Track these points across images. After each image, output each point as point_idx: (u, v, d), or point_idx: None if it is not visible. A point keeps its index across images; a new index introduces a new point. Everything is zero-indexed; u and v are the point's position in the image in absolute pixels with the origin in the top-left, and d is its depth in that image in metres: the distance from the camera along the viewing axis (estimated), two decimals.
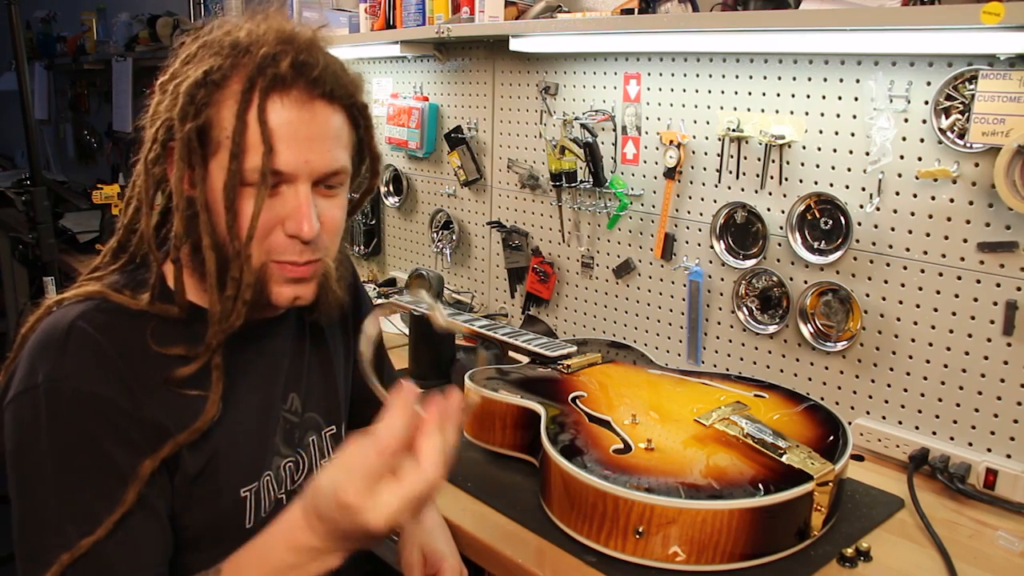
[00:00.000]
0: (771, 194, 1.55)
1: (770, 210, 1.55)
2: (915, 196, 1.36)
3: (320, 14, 2.27)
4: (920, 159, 1.34)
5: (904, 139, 1.36)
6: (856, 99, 1.41)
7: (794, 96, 1.49)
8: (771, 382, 1.45)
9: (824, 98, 1.45)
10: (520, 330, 1.70)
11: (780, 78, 1.51)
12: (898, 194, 1.38)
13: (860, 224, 1.43)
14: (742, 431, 1.18)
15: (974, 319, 1.32)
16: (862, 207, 1.42)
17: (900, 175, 1.37)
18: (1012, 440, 1.30)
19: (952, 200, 1.32)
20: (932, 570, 1.11)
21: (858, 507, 1.25)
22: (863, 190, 1.42)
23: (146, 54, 3.42)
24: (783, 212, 1.52)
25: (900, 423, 1.44)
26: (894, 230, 1.40)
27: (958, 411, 1.36)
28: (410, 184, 2.39)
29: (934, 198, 1.34)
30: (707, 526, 1.03)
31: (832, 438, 1.22)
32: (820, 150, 1.47)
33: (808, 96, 1.47)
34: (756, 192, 1.57)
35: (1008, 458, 1.31)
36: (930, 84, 1.31)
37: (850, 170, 1.44)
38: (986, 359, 1.32)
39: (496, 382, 1.38)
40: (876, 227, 1.42)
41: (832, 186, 1.46)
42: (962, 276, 1.33)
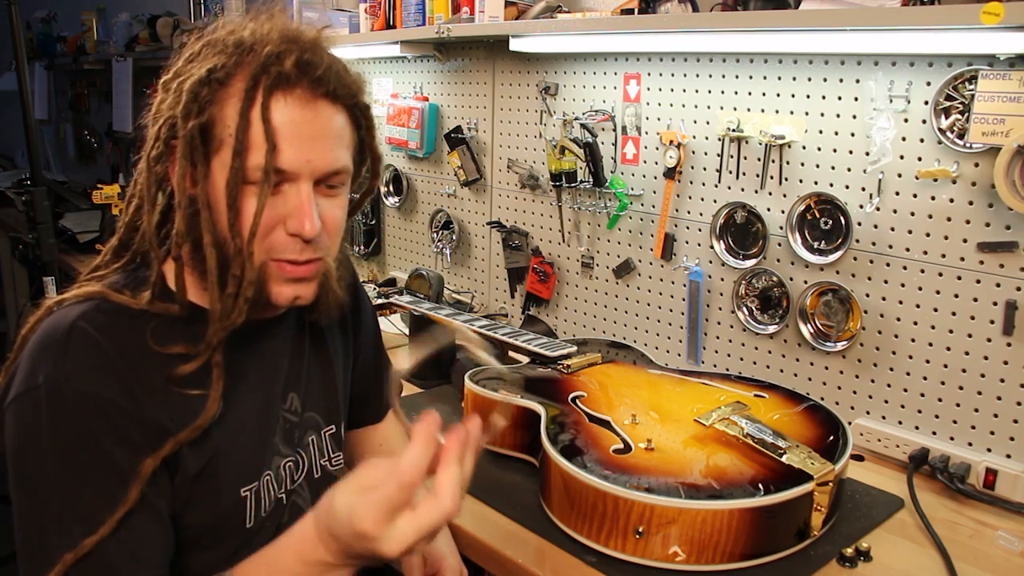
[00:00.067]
0: (771, 194, 1.55)
1: (770, 210, 1.55)
2: (915, 196, 1.36)
3: (321, 14, 2.27)
4: (920, 159, 1.35)
5: (904, 139, 1.36)
6: (856, 99, 1.41)
7: (794, 96, 1.49)
8: (771, 382, 1.46)
9: (824, 98, 1.45)
10: (520, 330, 1.70)
11: (780, 78, 1.51)
12: (898, 194, 1.38)
13: (860, 224, 1.43)
14: (742, 431, 1.18)
15: (974, 319, 1.32)
16: (862, 207, 1.42)
17: (900, 175, 1.37)
18: (1012, 440, 1.30)
19: (952, 200, 1.32)
20: (932, 570, 1.11)
21: (858, 507, 1.25)
22: (863, 190, 1.42)
23: (146, 54, 3.42)
24: (783, 212, 1.52)
25: (900, 423, 1.44)
26: (894, 230, 1.40)
27: (958, 411, 1.36)
28: (410, 184, 2.39)
29: (934, 198, 1.34)
30: (707, 526, 1.03)
31: (832, 438, 1.22)
32: (820, 150, 1.47)
33: (808, 96, 1.47)
34: (756, 192, 1.57)
35: (1008, 458, 1.31)
36: (930, 84, 1.31)
37: (850, 170, 1.44)
38: (986, 359, 1.32)
39: (496, 382, 1.38)
40: (876, 227, 1.42)
41: (832, 186, 1.46)
42: (962, 276, 1.33)
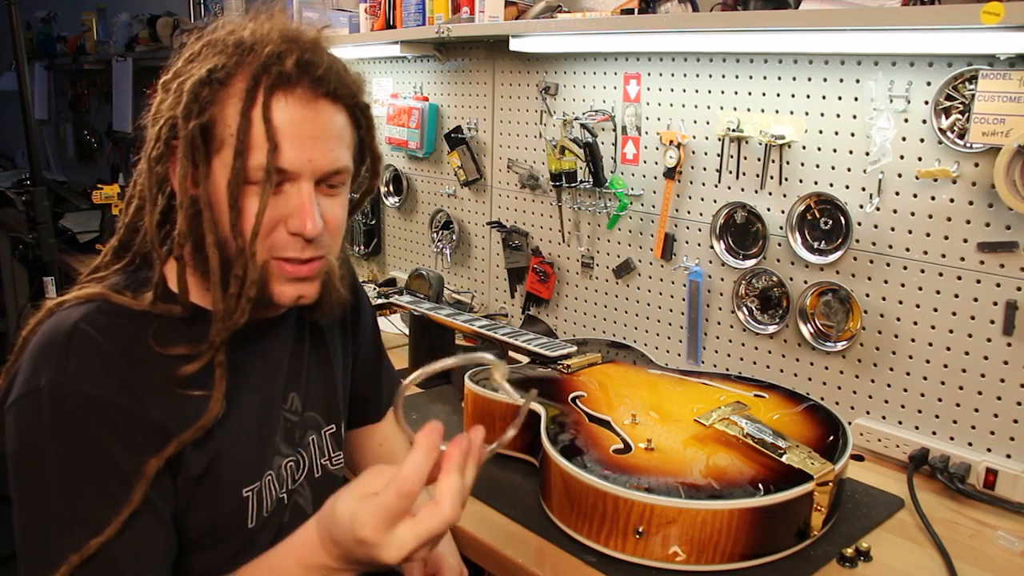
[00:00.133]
0: (771, 194, 1.55)
1: (770, 210, 1.55)
2: (915, 196, 1.36)
3: (321, 14, 2.27)
4: (920, 159, 1.35)
5: (904, 139, 1.36)
6: (856, 99, 1.41)
7: (794, 96, 1.49)
8: (771, 382, 1.46)
9: (824, 98, 1.45)
10: (520, 330, 1.70)
11: (780, 78, 1.51)
12: (898, 194, 1.38)
13: (860, 224, 1.43)
14: (742, 431, 1.18)
15: (974, 319, 1.32)
16: (862, 207, 1.42)
17: (900, 175, 1.37)
18: (1012, 440, 1.30)
19: (952, 200, 1.32)
20: (932, 570, 1.11)
21: (858, 507, 1.25)
22: (863, 190, 1.42)
23: (146, 54, 3.42)
24: (783, 212, 1.52)
25: (900, 423, 1.44)
26: (894, 230, 1.40)
27: (958, 411, 1.36)
28: (410, 184, 2.39)
29: (934, 198, 1.34)
30: (707, 526, 1.03)
31: (832, 438, 1.22)
32: (820, 150, 1.47)
33: (808, 96, 1.47)
34: (756, 192, 1.57)
35: (1008, 458, 1.31)
36: (930, 84, 1.31)
37: (850, 170, 1.44)
38: (986, 359, 1.32)
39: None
40: (876, 227, 1.42)
41: (832, 186, 1.46)
42: (962, 276, 1.33)
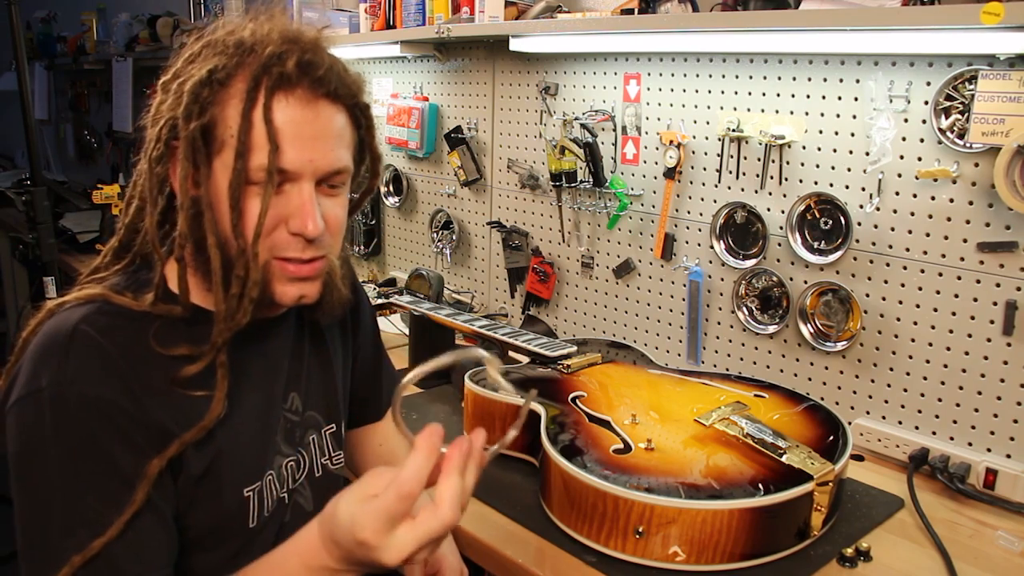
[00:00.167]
0: (771, 194, 1.55)
1: (770, 210, 1.55)
2: (915, 196, 1.36)
3: (321, 14, 2.27)
4: (920, 159, 1.35)
5: (904, 139, 1.36)
6: (856, 99, 1.41)
7: (794, 96, 1.49)
8: (771, 382, 1.46)
9: (824, 98, 1.45)
10: (520, 330, 1.70)
11: (780, 78, 1.51)
12: (898, 194, 1.38)
13: (860, 224, 1.43)
14: (742, 431, 1.18)
15: (974, 319, 1.32)
16: (862, 207, 1.42)
17: (900, 175, 1.37)
18: (1012, 440, 1.30)
19: (952, 200, 1.32)
20: (932, 570, 1.11)
21: (858, 507, 1.25)
22: (863, 190, 1.42)
23: (146, 54, 3.42)
24: (783, 212, 1.52)
25: (900, 423, 1.44)
26: (894, 230, 1.40)
27: (958, 411, 1.36)
28: (410, 184, 2.39)
29: (934, 198, 1.34)
30: (707, 526, 1.03)
31: (832, 438, 1.22)
32: (820, 150, 1.47)
33: (808, 96, 1.47)
34: (756, 192, 1.57)
35: (1008, 458, 1.31)
36: (930, 84, 1.31)
37: (850, 170, 1.44)
38: (986, 359, 1.32)
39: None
40: (876, 227, 1.42)
41: (832, 186, 1.46)
42: (962, 276, 1.33)
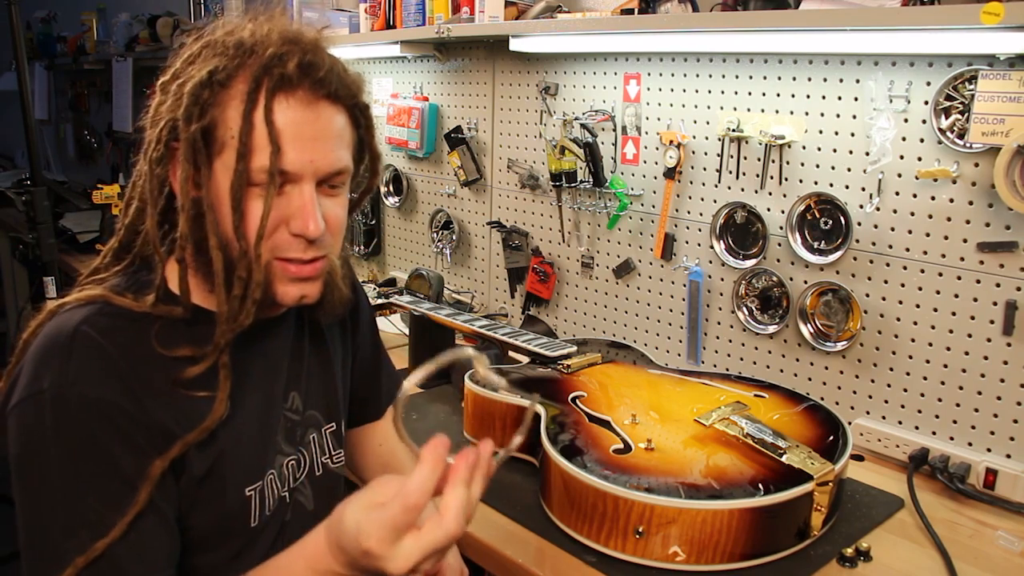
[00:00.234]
0: (771, 194, 1.55)
1: (770, 210, 1.55)
2: (915, 196, 1.36)
3: (321, 14, 2.27)
4: (920, 159, 1.35)
5: (904, 139, 1.36)
6: (856, 99, 1.41)
7: (794, 96, 1.49)
8: (771, 382, 1.46)
9: (824, 98, 1.45)
10: (520, 330, 1.70)
11: (780, 78, 1.51)
12: (898, 194, 1.38)
13: (860, 224, 1.43)
14: (742, 431, 1.18)
15: (974, 319, 1.32)
16: (862, 207, 1.42)
17: (900, 175, 1.37)
18: (1012, 440, 1.30)
19: (952, 200, 1.32)
20: (932, 570, 1.11)
21: (858, 507, 1.25)
22: (863, 190, 1.42)
23: (146, 54, 3.42)
24: (783, 212, 1.52)
25: (900, 423, 1.44)
26: (894, 230, 1.40)
27: (958, 411, 1.36)
28: (410, 184, 2.39)
29: (934, 198, 1.34)
30: (707, 526, 1.03)
31: (832, 438, 1.22)
32: (820, 150, 1.47)
33: (808, 96, 1.47)
34: (756, 192, 1.57)
35: (1008, 458, 1.31)
36: (930, 84, 1.31)
37: (850, 170, 1.44)
38: (986, 359, 1.32)
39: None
40: (876, 227, 1.42)
41: (832, 186, 1.46)
42: (962, 276, 1.33)
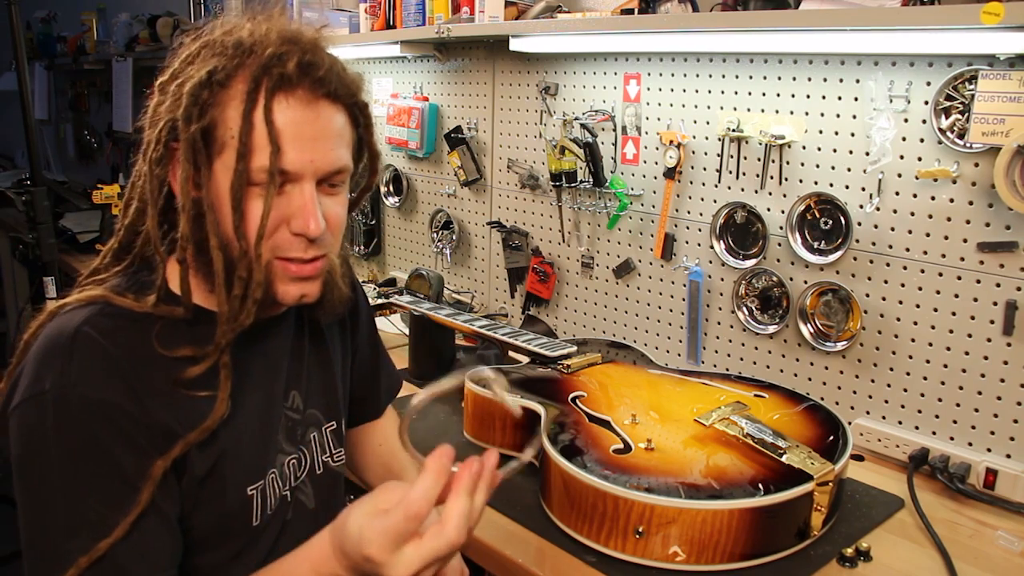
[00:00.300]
0: (771, 194, 1.55)
1: (770, 210, 1.55)
2: (915, 196, 1.36)
3: (320, 14, 2.27)
4: (920, 159, 1.35)
5: (904, 139, 1.36)
6: (856, 99, 1.41)
7: (794, 96, 1.49)
8: (771, 382, 1.46)
9: (824, 98, 1.45)
10: (520, 330, 1.70)
11: (780, 78, 1.51)
12: (898, 194, 1.38)
13: (860, 224, 1.43)
14: (742, 431, 1.18)
15: (974, 319, 1.32)
16: (862, 207, 1.42)
17: (900, 175, 1.37)
18: (1012, 440, 1.30)
19: (952, 200, 1.32)
20: (932, 570, 1.11)
21: (858, 507, 1.25)
22: (863, 190, 1.42)
23: (146, 54, 3.42)
24: (783, 212, 1.52)
25: (900, 423, 1.44)
26: (894, 230, 1.40)
27: (958, 411, 1.36)
28: (410, 184, 2.39)
29: (934, 198, 1.34)
30: (707, 526, 1.03)
31: (832, 438, 1.22)
32: (820, 150, 1.47)
33: (808, 96, 1.47)
34: (756, 192, 1.57)
35: (1008, 458, 1.31)
36: (930, 84, 1.31)
37: (850, 170, 1.44)
38: (986, 359, 1.32)
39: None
40: (876, 227, 1.42)
41: (832, 186, 1.46)
42: (962, 276, 1.33)
